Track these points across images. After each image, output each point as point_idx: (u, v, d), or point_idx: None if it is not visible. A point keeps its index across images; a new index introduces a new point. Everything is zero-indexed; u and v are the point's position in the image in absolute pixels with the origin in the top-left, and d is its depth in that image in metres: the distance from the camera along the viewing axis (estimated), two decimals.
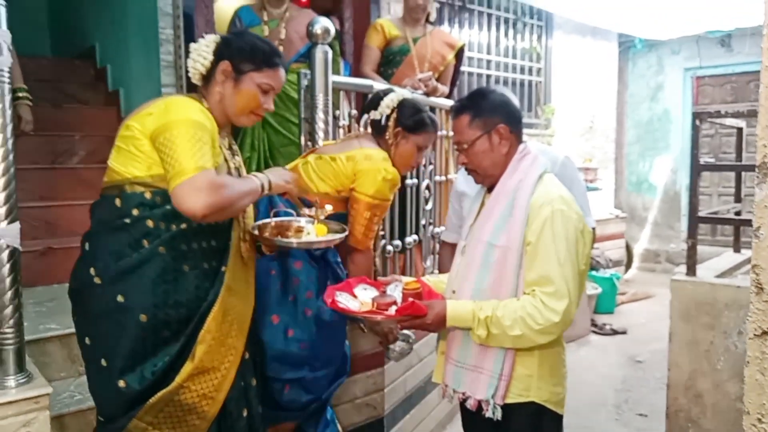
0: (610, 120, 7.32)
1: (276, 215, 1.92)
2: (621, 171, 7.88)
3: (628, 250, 7.32)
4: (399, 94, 2.25)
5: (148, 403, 1.59)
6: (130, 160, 1.57)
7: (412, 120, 2.19)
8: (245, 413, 1.78)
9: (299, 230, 1.87)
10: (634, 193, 7.98)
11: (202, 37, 1.75)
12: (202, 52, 1.68)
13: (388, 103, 2.20)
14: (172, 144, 1.49)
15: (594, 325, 5.33)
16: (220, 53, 1.67)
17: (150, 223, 1.58)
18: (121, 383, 1.57)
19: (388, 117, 2.19)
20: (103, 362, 1.59)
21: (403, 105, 2.21)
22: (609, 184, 7.28)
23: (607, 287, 5.71)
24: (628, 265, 7.36)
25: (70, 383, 2.21)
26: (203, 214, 1.47)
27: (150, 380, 1.58)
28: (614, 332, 5.24)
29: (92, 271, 1.59)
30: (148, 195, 1.57)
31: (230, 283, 1.69)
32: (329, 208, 1.93)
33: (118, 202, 1.59)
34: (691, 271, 2.92)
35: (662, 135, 7.73)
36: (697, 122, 3.00)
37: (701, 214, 3.07)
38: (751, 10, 5.29)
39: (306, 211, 1.92)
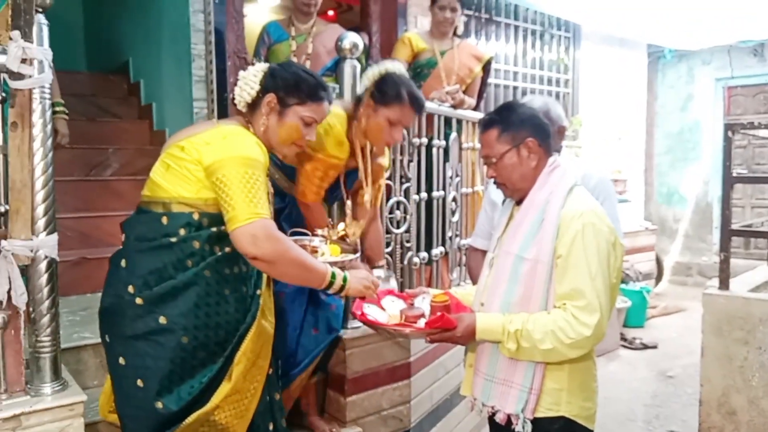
0: (640, 131, 7.23)
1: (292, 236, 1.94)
2: (651, 182, 7.76)
3: (659, 262, 7.19)
4: (384, 67, 2.21)
5: (184, 423, 1.60)
6: (180, 180, 1.60)
7: (383, 92, 2.15)
8: (271, 427, 1.81)
9: (314, 250, 1.89)
10: (664, 205, 7.85)
11: (238, 54, 1.81)
12: (250, 81, 1.72)
13: (369, 76, 2.20)
14: (229, 185, 1.54)
15: (623, 339, 5.24)
16: (266, 84, 1.71)
17: (196, 244, 1.60)
18: (159, 404, 1.57)
19: (366, 90, 2.19)
20: (140, 383, 1.58)
21: (383, 79, 2.17)
22: (639, 196, 7.18)
23: (636, 300, 5.61)
24: (659, 278, 7.23)
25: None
26: (254, 256, 1.53)
27: (187, 401, 1.59)
28: (644, 346, 5.15)
29: (131, 289, 1.59)
30: (195, 216, 1.60)
31: (263, 306, 1.73)
32: (341, 228, 1.96)
33: (164, 220, 1.60)
34: (724, 284, 2.86)
35: (693, 146, 7.60)
36: (729, 134, 2.95)
37: (734, 227, 3.01)
38: None
39: (319, 231, 1.95)
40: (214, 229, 1.61)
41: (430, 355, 2.86)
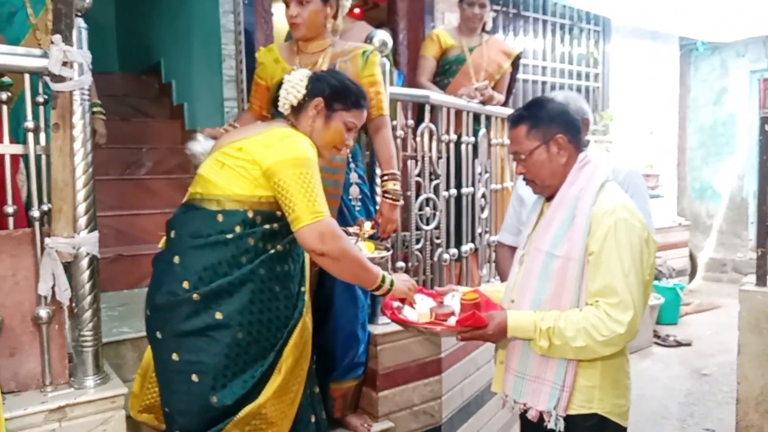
0: (672, 125, 7.09)
1: None
2: (684, 177, 7.61)
3: (692, 259, 7.05)
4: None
5: (237, 417, 1.64)
6: (236, 179, 1.66)
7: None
8: (313, 419, 1.85)
9: None
10: (697, 200, 7.70)
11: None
12: (297, 85, 1.78)
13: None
14: (288, 187, 1.61)
15: (657, 336, 5.16)
16: (313, 89, 1.77)
17: (251, 241, 1.66)
18: (213, 398, 1.62)
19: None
20: (194, 378, 1.62)
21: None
22: (671, 191, 7.05)
23: (670, 297, 5.52)
24: (693, 275, 7.09)
25: None
26: (322, 252, 1.61)
27: (240, 395, 1.64)
28: (678, 344, 5.07)
29: (186, 285, 1.62)
30: (250, 214, 1.66)
31: (307, 303, 1.80)
32: (368, 227, 1.99)
33: (220, 217, 1.65)
34: (761, 281, 2.81)
35: (727, 140, 7.43)
36: (766, 127, 2.89)
37: None
38: None
39: (350, 229, 1.98)
40: (267, 226, 1.67)
41: (461, 352, 2.86)
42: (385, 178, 2.36)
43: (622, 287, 1.50)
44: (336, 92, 1.79)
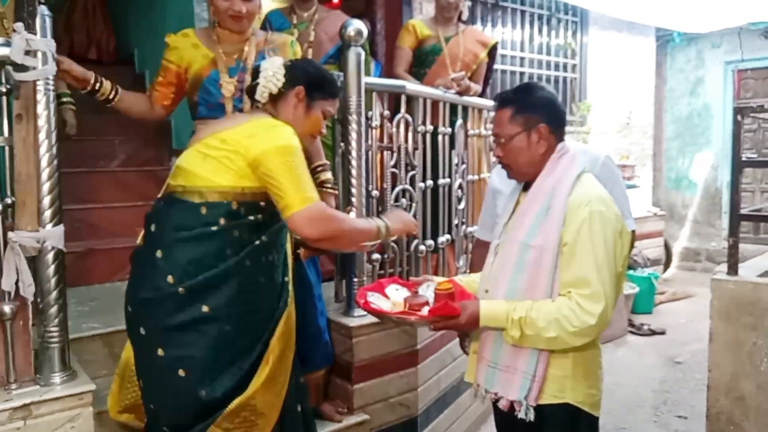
0: (648, 116, 7.16)
1: None
2: (659, 168, 7.70)
3: (667, 248, 7.15)
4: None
5: (227, 410, 1.63)
6: (219, 170, 1.64)
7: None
8: (299, 408, 1.86)
9: None
10: (673, 190, 7.80)
11: None
12: (276, 74, 1.77)
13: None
14: (276, 175, 1.61)
15: (632, 325, 5.23)
16: (292, 77, 1.77)
17: (236, 233, 1.65)
18: (202, 392, 1.61)
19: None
20: (182, 373, 1.61)
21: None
22: (647, 182, 7.13)
23: (645, 287, 5.59)
24: (667, 264, 7.20)
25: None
26: (317, 238, 1.62)
27: (229, 388, 1.63)
28: (652, 332, 5.14)
29: (170, 279, 1.60)
30: (234, 205, 1.64)
31: (291, 293, 1.80)
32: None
33: (203, 210, 1.63)
34: (733, 270, 2.84)
35: (702, 130, 7.53)
36: (739, 117, 2.92)
37: (743, 211, 2.99)
38: None
39: None
40: (251, 218, 1.67)
41: (437, 343, 2.87)
42: (319, 168, 2.29)
43: (595, 278, 1.51)
44: (315, 81, 1.80)
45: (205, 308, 1.61)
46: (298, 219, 1.60)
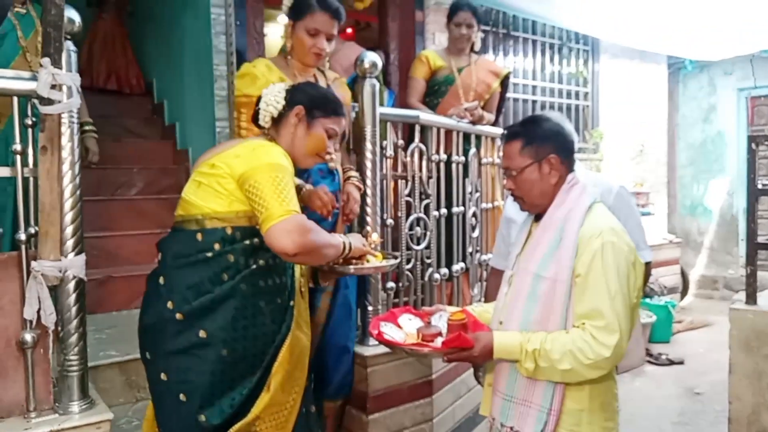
0: (661, 143, 7.15)
1: None
2: (674, 195, 7.66)
3: (684, 276, 7.06)
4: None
5: None
6: (212, 196, 1.66)
7: (294, 8, 2.28)
8: None
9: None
10: (688, 217, 7.74)
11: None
12: (277, 96, 1.80)
13: (285, 2, 2.33)
14: (261, 189, 1.59)
15: (649, 354, 5.15)
16: (292, 99, 1.80)
17: (231, 258, 1.65)
18: (201, 417, 1.61)
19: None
20: (182, 397, 1.62)
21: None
22: (662, 209, 7.08)
23: (662, 315, 5.51)
24: (684, 292, 7.10)
25: (128, 409, 2.29)
26: (294, 252, 1.57)
27: (229, 413, 1.63)
28: (671, 362, 5.05)
29: (170, 305, 1.62)
30: (228, 231, 1.65)
31: (297, 317, 1.77)
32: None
33: (199, 236, 1.65)
34: (751, 299, 2.81)
35: (717, 157, 7.49)
36: (753, 145, 2.92)
37: (760, 239, 2.96)
38: None
39: None
40: (247, 242, 1.67)
41: (452, 373, 2.85)
42: (346, 168, 2.44)
43: (609, 310, 1.51)
44: (315, 100, 1.82)
45: (201, 333, 1.61)
46: (274, 231, 1.55)
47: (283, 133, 1.80)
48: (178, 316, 1.61)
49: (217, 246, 1.64)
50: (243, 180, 1.62)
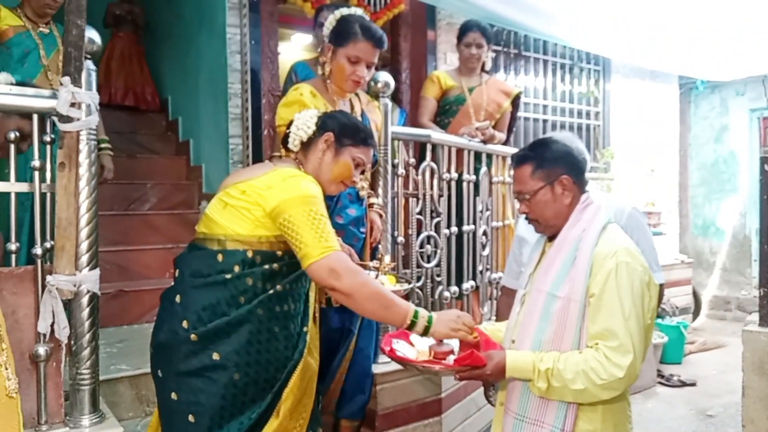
0: (673, 162, 7.13)
1: None
2: (686, 214, 7.62)
3: (696, 296, 6.99)
4: (339, 13, 2.31)
5: None
6: (237, 218, 1.66)
7: (337, 34, 2.27)
8: None
9: None
10: (700, 237, 7.68)
11: (272, 92, 1.89)
12: (308, 122, 1.82)
13: (327, 25, 2.33)
14: (296, 224, 1.61)
15: (661, 376, 5.09)
16: (323, 125, 1.81)
17: (249, 281, 1.65)
18: None
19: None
20: (191, 418, 1.61)
21: (337, 22, 2.28)
22: (673, 228, 7.04)
23: (674, 336, 5.45)
24: (696, 313, 7.02)
25: (137, 423, 2.30)
26: (332, 288, 1.59)
27: None
28: (683, 384, 4.99)
29: (185, 324, 1.62)
30: (249, 254, 1.66)
31: (310, 344, 1.77)
32: (388, 260, 2.00)
33: (220, 257, 1.65)
34: (765, 321, 2.78)
35: (729, 177, 7.46)
36: (766, 166, 2.91)
37: None
38: None
39: (371, 263, 1.99)
40: (266, 266, 1.67)
41: (462, 392, 2.83)
42: (369, 194, 2.47)
43: (623, 331, 1.50)
44: (345, 128, 1.83)
45: (215, 355, 1.61)
46: (317, 268, 1.58)
47: (311, 157, 1.81)
48: (192, 336, 1.61)
49: (236, 268, 1.64)
50: (276, 213, 1.63)
